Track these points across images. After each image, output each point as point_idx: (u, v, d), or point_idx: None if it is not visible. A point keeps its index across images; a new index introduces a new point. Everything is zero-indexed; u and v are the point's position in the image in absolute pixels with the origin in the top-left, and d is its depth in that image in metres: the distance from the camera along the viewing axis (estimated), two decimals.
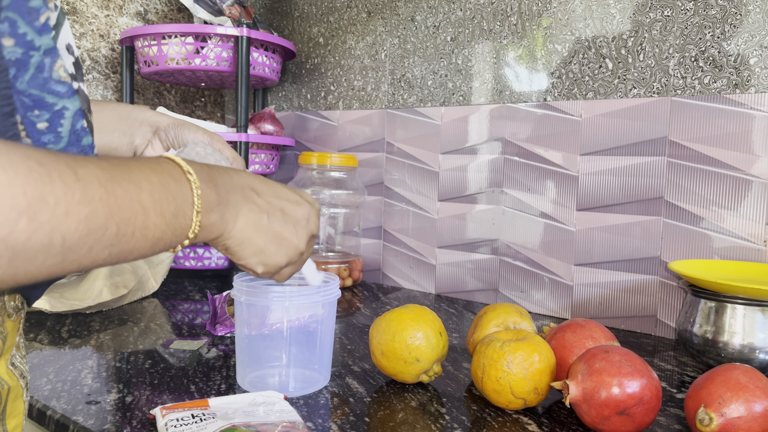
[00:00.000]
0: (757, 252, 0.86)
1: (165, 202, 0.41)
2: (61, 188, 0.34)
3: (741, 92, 0.87)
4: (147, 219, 0.40)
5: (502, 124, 1.09)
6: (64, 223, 0.34)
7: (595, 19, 0.99)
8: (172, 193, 0.42)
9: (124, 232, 0.38)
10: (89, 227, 0.35)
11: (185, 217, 0.43)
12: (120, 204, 0.37)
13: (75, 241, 0.35)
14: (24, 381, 0.47)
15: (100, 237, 0.36)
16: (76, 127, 0.41)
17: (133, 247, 0.40)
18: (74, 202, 0.34)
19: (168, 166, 0.44)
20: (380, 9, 1.26)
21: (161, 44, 1.21)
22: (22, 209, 0.31)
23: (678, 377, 0.75)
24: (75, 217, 0.34)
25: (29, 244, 0.32)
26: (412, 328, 0.66)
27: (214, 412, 0.56)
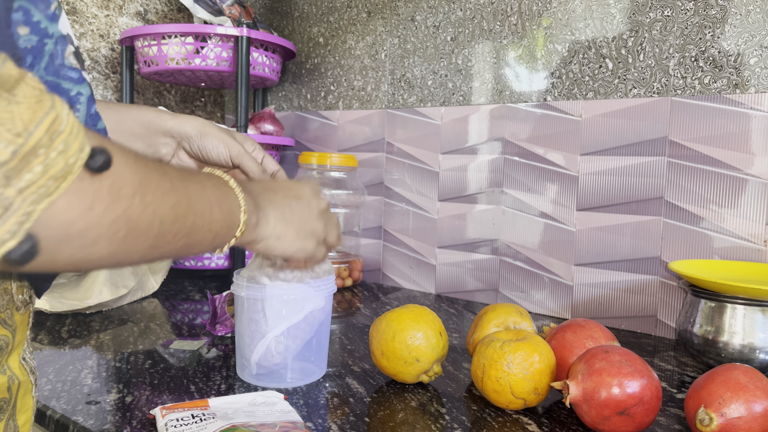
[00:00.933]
0: (757, 252, 0.86)
1: (223, 200, 0.46)
2: (157, 176, 0.37)
3: (741, 92, 0.87)
4: (213, 213, 0.44)
5: (502, 124, 1.09)
6: (162, 206, 0.37)
7: (595, 19, 0.99)
8: (225, 193, 0.47)
9: (199, 223, 0.42)
10: (177, 214, 0.39)
11: (235, 216, 0.48)
12: (196, 197, 0.42)
13: (167, 225, 0.38)
14: (33, 377, 0.48)
15: (182, 225, 0.40)
16: (91, 111, 0.43)
17: (201, 239, 0.44)
18: (167, 189, 0.38)
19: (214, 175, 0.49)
20: (380, 9, 1.26)
21: (161, 44, 1.21)
22: (137, 186, 0.35)
23: (678, 377, 0.75)
24: (168, 203, 0.38)
25: (140, 222, 0.36)
26: (412, 328, 0.66)
27: (214, 412, 0.56)
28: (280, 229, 0.55)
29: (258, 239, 0.53)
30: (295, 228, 0.57)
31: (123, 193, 0.34)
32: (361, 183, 1.27)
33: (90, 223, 0.33)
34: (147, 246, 0.38)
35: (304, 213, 0.58)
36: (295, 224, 0.57)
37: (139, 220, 0.36)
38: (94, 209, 0.32)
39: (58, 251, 0.32)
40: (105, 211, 0.33)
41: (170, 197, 0.38)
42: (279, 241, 0.55)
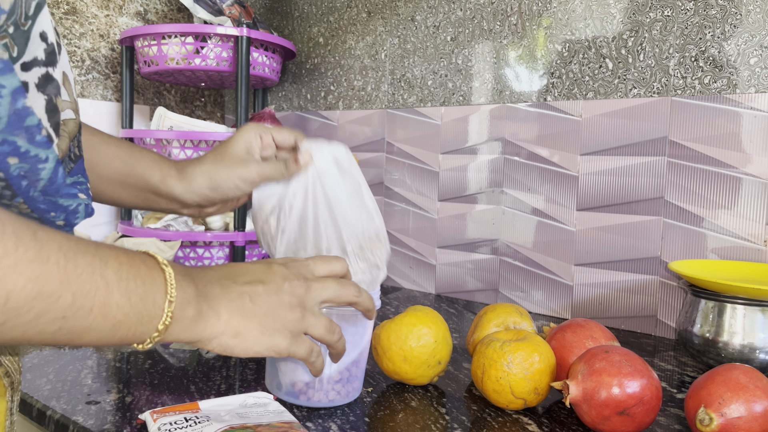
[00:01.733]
0: (757, 252, 0.86)
1: (132, 282, 0.39)
2: (13, 242, 0.32)
3: (741, 92, 0.87)
4: (109, 296, 0.37)
5: (502, 124, 1.09)
6: (11, 278, 0.32)
7: (595, 18, 0.99)
8: (141, 276, 0.40)
9: (80, 305, 0.36)
10: (40, 290, 0.33)
11: (155, 305, 0.40)
12: (79, 273, 0.35)
13: (21, 302, 0.33)
14: (9, 380, 0.46)
15: (52, 304, 0.34)
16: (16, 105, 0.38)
17: (90, 325, 0.37)
18: (25, 259, 0.33)
19: (142, 255, 0.42)
20: (380, 9, 1.26)
21: (161, 44, 1.21)
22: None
23: (678, 377, 0.75)
24: (24, 275, 0.32)
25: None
26: (434, 330, 0.66)
27: (206, 414, 0.55)
28: (236, 325, 0.45)
29: (205, 338, 0.44)
30: (259, 322, 0.47)
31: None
32: None
33: None
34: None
35: (271, 302, 0.48)
36: (258, 317, 0.47)
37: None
38: None
39: None
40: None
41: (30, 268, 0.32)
42: (237, 340, 0.46)
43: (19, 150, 0.39)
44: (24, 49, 0.39)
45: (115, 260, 0.38)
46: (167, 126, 1.25)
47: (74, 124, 0.45)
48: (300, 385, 0.61)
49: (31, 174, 0.41)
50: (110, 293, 0.37)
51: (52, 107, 0.42)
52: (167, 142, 1.22)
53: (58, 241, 0.35)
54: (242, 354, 0.47)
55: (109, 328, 0.38)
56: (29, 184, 0.41)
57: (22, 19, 0.39)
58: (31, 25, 0.40)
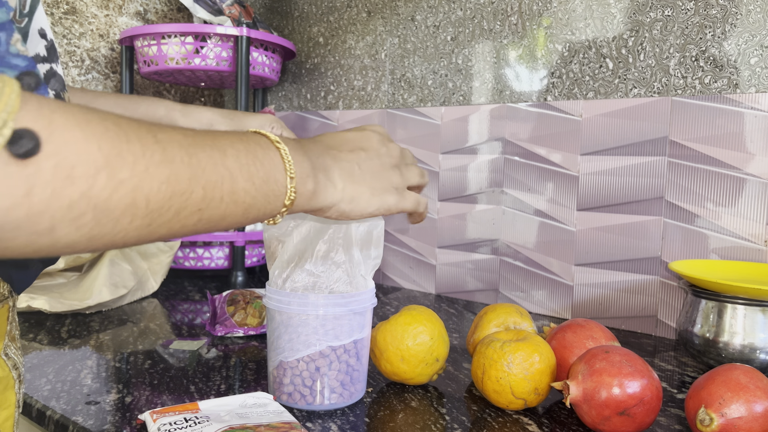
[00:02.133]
0: (757, 252, 0.86)
1: (253, 167, 0.41)
2: (139, 147, 0.33)
3: (742, 92, 0.87)
4: (235, 183, 0.39)
5: (502, 124, 1.09)
6: (146, 182, 0.33)
7: (596, 18, 0.99)
8: (260, 159, 0.42)
9: (211, 196, 0.38)
10: (173, 189, 0.35)
11: (277, 184, 0.43)
12: (204, 167, 0.37)
13: (160, 203, 0.34)
14: (17, 372, 0.47)
15: (186, 200, 0.36)
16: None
17: (225, 213, 0.39)
18: (154, 162, 0.34)
19: (255, 136, 0.43)
20: (380, 9, 1.26)
21: (161, 44, 1.21)
22: (99, 165, 0.31)
23: (678, 377, 0.75)
24: (156, 178, 0.34)
25: (112, 203, 0.32)
26: (429, 328, 0.66)
27: (206, 415, 0.55)
28: (350, 191, 0.49)
29: (326, 206, 0.48)
30: (369, 185, 0.50)
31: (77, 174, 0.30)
32: None
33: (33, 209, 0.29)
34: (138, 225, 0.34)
35: (375, 166, 0.51)
36: (367, 181, 0.50)
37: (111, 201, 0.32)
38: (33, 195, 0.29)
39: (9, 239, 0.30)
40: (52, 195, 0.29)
41: (159, 170, 0.34)
42: (353, 204, 0.49)
43: None
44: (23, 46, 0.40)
45: (232, 148, 0.40)
46: None
47: None
48: (303, 390, 0.61)
49: None
50: (235, 181, 0.39)
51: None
52: None
53: (178, 139, 0.36)
54: (357, 216, 0.50)
55: (242, 212, 0.41)
56: None
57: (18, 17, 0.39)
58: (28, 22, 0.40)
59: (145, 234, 0.35)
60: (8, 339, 0.47)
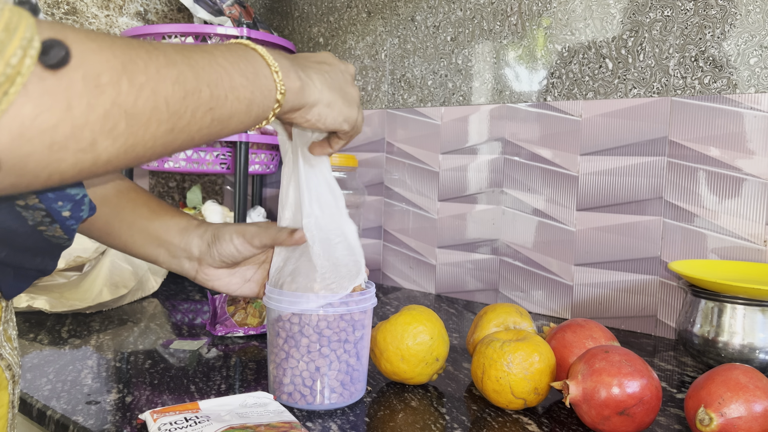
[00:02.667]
0: (757, 252, 0.86)
1: (242, 63, 0.42)
2: (145, 52, 0.34)
3: (741, 92, 0.87)
4: (232, 79, 0.41)
5: (502, 124, 1.09)
6: (161, 84, 0.35)
7: (595, 19, 0.99)
8: (243, 56, 0.43)
9: (217, 94, 0.39)
10: (185, 89, 0.36)
11: (266, 78, 0.44)
12: (202, 66, 0.38)
13: (177, 103, 0.36)
14: (10, 373, 0.47)
15: (198, 99, 0.37)
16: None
17: (232, 110, 0.41)
18: (161, 64, 0.35)
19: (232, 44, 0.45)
20: (380, 9, 1.26)
21: None
22: (119, 71, 0.32)
23: (678, 377, 0.75)
24: (168, 78, 0.35)
25: (138, 107, 0.33)
26: (429, 328, 0.66)
27: (206, 414, 0.55)
28: (327, 95, 0.51)
29: (309, 104, 0.49)
30: (341, 95, 0.52)
31: (103, 81, 0.31)
32: (361, 183, 1.27)
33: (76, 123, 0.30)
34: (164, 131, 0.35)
35: (341, 79, 0.53)
36: (339, 90, 0.52)
37: (137, 106, 0.33)
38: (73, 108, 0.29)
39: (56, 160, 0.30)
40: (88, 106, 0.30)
41: (168, 72, 0.35)
42: (330, 109, 0.51)
43: None
44: None
45: (218, 50, 0.42)
46: None
47: None
48: (303, 389, 0.61)
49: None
50: (232, 77, 0.41)
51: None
52: None
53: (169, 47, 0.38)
54: (332, 123, 0.52)
55: (245, 108, 0.42)
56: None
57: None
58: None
59: (171, 140, 0.36)
60: (3, 339, 0.47)
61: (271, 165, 1.34)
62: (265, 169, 1.33)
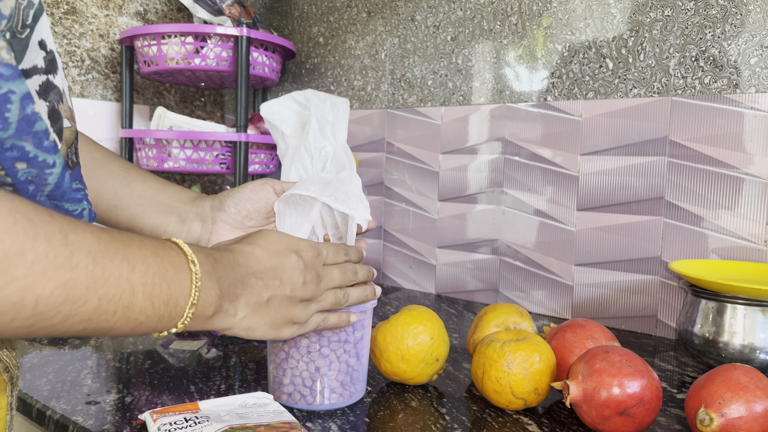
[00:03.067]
0: (757, 252, 0.86)
1: (158, 288, 0.40)
2: (44, 247, 0.33)
3: (741, 92, 0.87)
4: (133, 300, 0.38)
5: (502, 124, 1.09)
6: (40, 284, 0.33)
7: (596, 18, 0.99)
8: (168, 280, 0.41)
9: (105, 308, 0.37)
10: (67, 295, 0.34)
11: (177, 307, 0.42)
12: (106, 278, 0.36)
13: (49, 306, 0.33)
14: (8, 375, 0.47)
15: (78, 308, 0.35)
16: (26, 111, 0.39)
17: (113, 326, 0.38)
18: (55, 265, 0.33)
19: (172, 252, 0.42)
20: (380, 9, 1.26)
21: (161, 44, 1.21)
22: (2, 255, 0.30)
23: (678, 377, 0.75)
24: (53, 281, 0.33)
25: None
26: (429, 328, 0.66)
27: (206, 414, 0.55)
28: (248, 321, 0.49)
29: (219, 329, 0.48)
30: (270, 319, 0.50)
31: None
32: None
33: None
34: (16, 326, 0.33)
35: (285, 302, 0.51)
36: (270, 315, 0.50)
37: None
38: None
39: None
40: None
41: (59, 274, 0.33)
42: (248, 332, 0.50)
43: (27, 155, 0.40)
44: (22, 56, 0.39)
45: (142, 263, 0.39)
46: (167, 126, 1.25)
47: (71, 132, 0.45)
48: (303, 390, 0.61)
49: (38, 179, 0.41)
50: (135, 297, 0.38)
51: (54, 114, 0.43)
52: (167, 142, 1.22)
53: (89, 243, 0.35)
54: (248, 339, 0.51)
55: (131, 328, 0.40)
56: (36, 188, 0.42)
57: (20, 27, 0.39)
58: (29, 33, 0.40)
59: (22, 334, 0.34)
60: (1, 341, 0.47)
61: (271, 165, 1.34)
62: (265, 169, 1.33)
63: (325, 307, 0.55)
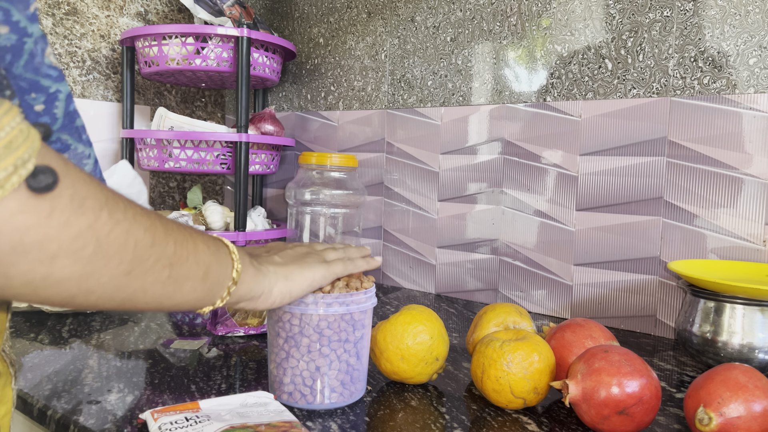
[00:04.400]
0: (756, 252, 0.86)
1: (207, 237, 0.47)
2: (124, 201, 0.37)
3: (740, 92, 0.87)
4: (197, 245, 0.44)
5: (501, 124, 1.09)
6: (135, 226, 0.37)
7: (595, 19, 0.99)
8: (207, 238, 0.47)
9: (180, 253, 0.42)
10: (153, 237, 0.39)
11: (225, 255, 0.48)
12: (172, 226, 0.42)
13: (143, 248, 0.38)
14: (13, 369, 0.48)
15: (162, 251, 0.40)
16: (69, 108, 0.43)
17: (188, 272, 0.43)
18: (138, 212, 0.38)
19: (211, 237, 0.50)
20: (380, 9, 1.27)
21: (162, 45, 1.21)
22: (102, 201, 0.34)
23: (677, 377, 0.76)
24: (142, 224, 0.38)
25: (110, 239, 0.35)
26: (429, 327, 0.67)
27: (207, 414, 0.55)
28: (282, 271, 0.55)
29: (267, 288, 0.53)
30: (297, 264, 0.57)
31: (88, 205, 0.33)
32: (361, 183, 1.27)
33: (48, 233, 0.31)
34: (122, 271, 0.37)
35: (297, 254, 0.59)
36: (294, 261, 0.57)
37: (109, 237, 0.35)
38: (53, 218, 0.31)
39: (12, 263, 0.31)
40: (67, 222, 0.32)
41: (143, 219, 0.38)
42: (288, 281, 0.55)
43: (69, 147, 0.44)
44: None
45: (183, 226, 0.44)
46: (168, 126, 1.25)
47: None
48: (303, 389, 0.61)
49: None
50: (196, 242, 0.44)
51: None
52: (168, 143, 1.22)
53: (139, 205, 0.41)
54: (298, 293, 0.56)
55: (202, 274, 0.45)
56: None
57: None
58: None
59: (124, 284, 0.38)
60: (5, 336, 0.47)
61: (271, 165, 1.34)
62: (266, 169, 1.33)
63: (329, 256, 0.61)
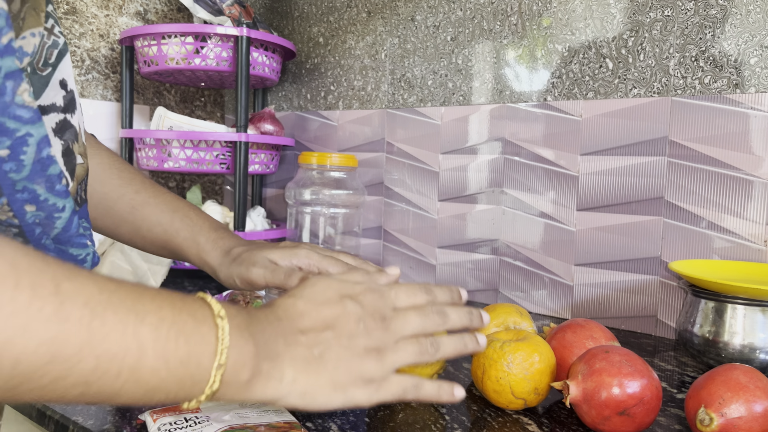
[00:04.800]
0: (757, 252, 0.86)
1: (172, 343, 0.34)
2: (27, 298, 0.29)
3: (741, 92, 0.87)
4: (142, 360, 0.33)
5: (502, 124, 1.09)
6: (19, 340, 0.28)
7: (596, 18, 0.99)
8: (186, 334, 0.35)
9: (105, 369, 0.32)
10: (54, 353, 0.29)
11: (200, 368, 0.35)
12: (106, 333, 0.31)
13: (33, 366, 0.29)
14: None
15: (70, 369, 0.30)
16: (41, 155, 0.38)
17: (120, 390, 0.33)
18: (39, 318, 0.29)
19: (195, 304, 0.37)
20: (380, 9, 1.26)
21: (161, 44, 1.21)
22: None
23: (678, 377, 0.75)
24: (35, 337, 0.29)
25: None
26: None
27: (206, 414, 0.55)
28: (302, 384, 0.40)
29: (270, 400, 0.40)
30: (330, 377, 0.41)
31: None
32: (361, 183, 1.27)
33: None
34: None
35: (343, 353, 0.41)
36: (328, 371, 0.41)
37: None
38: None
39: None
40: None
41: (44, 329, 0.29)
42: (306, 399, 0.40)
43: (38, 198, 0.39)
44: (41, 93, 0.40)
45: (155, 316, 0.34)
46: (167, 126, 1.25)
47: (82, 168, 0.46)
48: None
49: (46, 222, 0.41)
50: (143, 356, 0.33)
51: (68, 153, 0.43)
52: (167, 142, 1.22)
53: (88, 293, 0.31)
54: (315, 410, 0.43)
55: (143, 393, 0.34)
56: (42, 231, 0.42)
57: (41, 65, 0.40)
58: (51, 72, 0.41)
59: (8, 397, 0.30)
60: None
61: (271, 165, 1.34)
62: (265, 169, 1.33)
63: (406, 360, 0.44)
